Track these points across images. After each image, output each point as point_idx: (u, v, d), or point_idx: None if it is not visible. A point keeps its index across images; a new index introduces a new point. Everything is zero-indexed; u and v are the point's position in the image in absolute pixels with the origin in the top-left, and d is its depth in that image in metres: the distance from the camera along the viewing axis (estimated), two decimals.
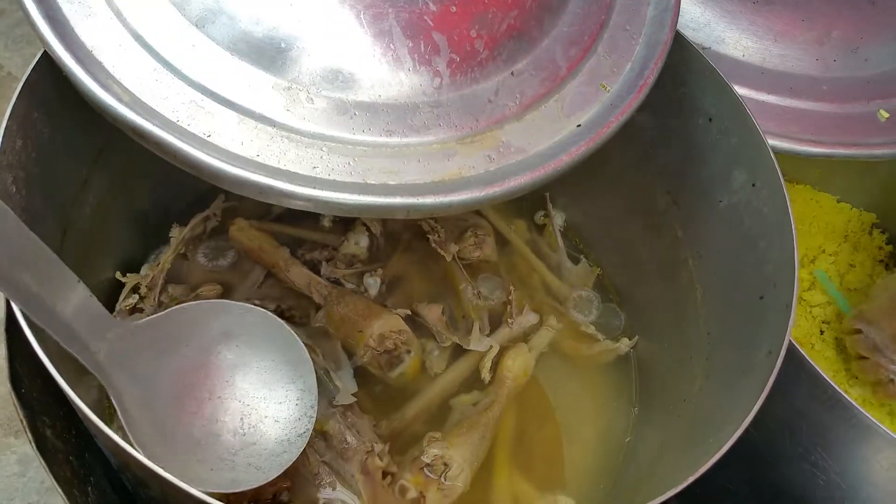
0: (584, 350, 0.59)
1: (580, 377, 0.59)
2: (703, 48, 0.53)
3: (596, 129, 0.40)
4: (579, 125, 0.40)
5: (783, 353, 0.36)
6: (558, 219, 0.63)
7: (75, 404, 0.31)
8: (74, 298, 0.34)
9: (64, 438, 0.41)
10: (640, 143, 0.51)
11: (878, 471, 0.47)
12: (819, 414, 0.46)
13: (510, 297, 0.59)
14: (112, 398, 0.36)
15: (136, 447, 0.35)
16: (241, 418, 0.40)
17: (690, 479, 0.32)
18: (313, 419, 0.42)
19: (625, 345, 0.57)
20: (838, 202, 0.87)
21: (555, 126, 0.40)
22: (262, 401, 0.41)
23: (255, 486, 0.39)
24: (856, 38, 0.55)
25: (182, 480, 0.30)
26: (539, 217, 0.64)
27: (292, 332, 0.43)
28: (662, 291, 0.56)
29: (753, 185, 0.42)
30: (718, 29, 0.55)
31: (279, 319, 0.43)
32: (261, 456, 0.39)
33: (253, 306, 0.44)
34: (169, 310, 0.41)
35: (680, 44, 0.46)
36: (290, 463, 0.40)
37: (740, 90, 0.52)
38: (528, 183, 0.37)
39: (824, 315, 0.81)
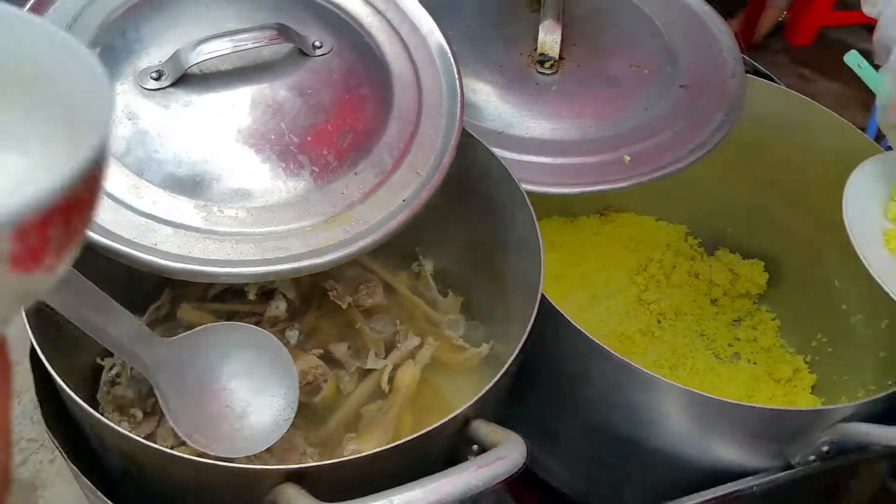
0: (457, 358, 0.79)
1: (459, 377, 0.79)
2: (498, 132, 0.77)
3: (413, 201, 0.62)
4: (404, 200, 0.62)
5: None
6: (428, 266, 0.84)
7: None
8: (127, 324, 0.56)
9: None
10: (463, 208, 0.74)
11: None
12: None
13: (398, 329, 0.79)
14: (157, 392, 0.58)
15: (176, 427, 0.57)
16: (243, 407, 0.60)
17: None
18: (294, 409, 0.61)
19: (484, 349, 0.78)
20: (657, 221, 1.12)
21: (387, 203, 0.62)
22: (258, 394, 0.61)
23: (249, 454, 0.59)
24: (605, 111, 0.80)
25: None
26: (415, 267, 0.86)
27: (281, 345, 0.63)
28: (505, 306, 0.77)
29: (522, 221, 0.65)
30: (507, 116, 0.78)
31: (272, 337, 0.63)
32: (255, 434, 0.59)
33: (255, 327, 0.64)
34: (192, 331, 0.62)
35: (469, 138, 0.69)
36: (276, 439, 0.60)
37: (525, 157, 0.76)
38: (371, 243, 0.59)
39: (660, 309, 1.05)
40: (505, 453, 0.46)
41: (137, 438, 0.52)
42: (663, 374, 0.98)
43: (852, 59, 0.73)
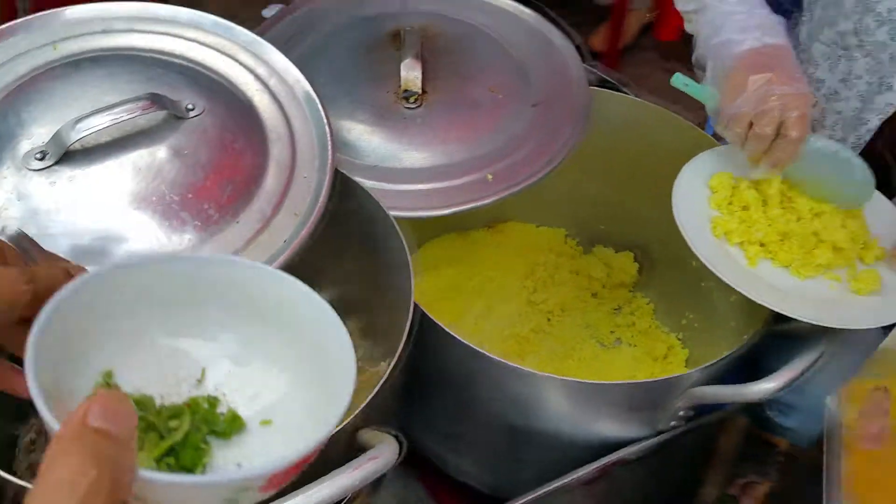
0: (359, 380, 0.86)
1: (362, 395, 0.86)
2: (373, 166, 0.84)
3: (294, 241, 0.68)
4: (284, 241, 0.69)
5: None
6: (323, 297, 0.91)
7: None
8: None
9: None
10: (347, 239, 0.81)
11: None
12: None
13: None
14: None
15: None
16: None
17: None
18: None
19: (382, 368, 0.85)
20: (538, 227, 1.22)
21: (269, 246, 0.68)
22: None
23: None
24: (468, 135, 0.88)
25: None
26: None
27: None
28: (397, 325, 0.84)
29: (395, 248, 0.73)
30: (380, 151, 0.86)
31: None
32: None
33: None
34: None
35: (343, 175, 0.77)
36: None
37: (400, 187, 0.83)
38: None
39: (548, 308, 1.14)
40: (377, 454, 0.52)
41: None
42: (555, 366, 1.09)
43: (678, 81, 0.83)
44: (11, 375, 0.38)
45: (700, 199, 0.83)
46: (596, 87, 1.02)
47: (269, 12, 2.13)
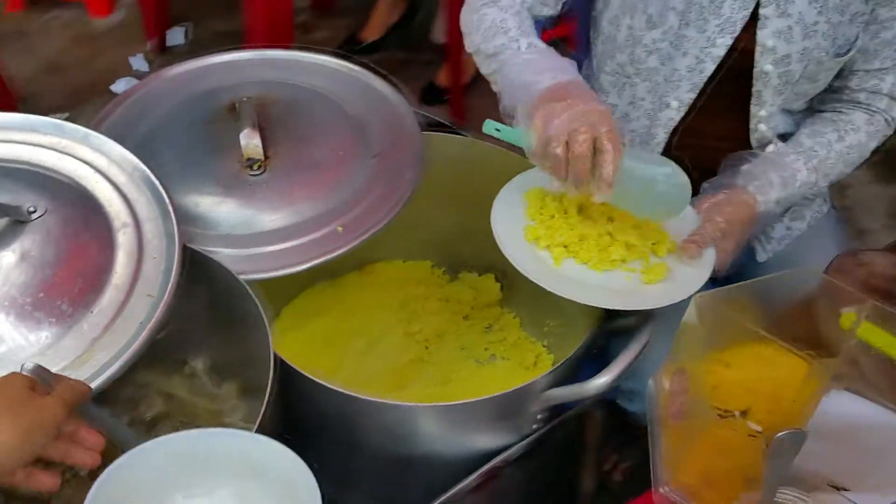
0: None
1: None
2: (225, 235, 0.89)
3: (149, 322, 0.72)
4: (140, 323, 0.73)
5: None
6: (199, 364, 0.94)
7: None
8: None
9: None
10: (208, 308, 0.86)
11: None
12: None
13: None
14: None
15: None
16: None
17: None
18: None
19: None
20: (405, 262, 1.29)
21: (126, 330, 0.72)
22: None
23: None
24: (315, 193, 0.94)
25: None
26: (187, 369, 0.95)
27: None
28: None
29: (251, 309, 0.78)
30: (231, 219, 0.91)
31: None
32: None
33: None
34: None
35: (193, 249, 0.81)
36: None
37: (254, 250, 0.89)
38: (118, 370, 0.69)
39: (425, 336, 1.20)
40: None
41: None
42: (437, 390, 1.15)
43: (489, 127, 0.92)
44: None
45: (517, 212, 0.93)
46: (432, 132, 1.10)
47: (118, 87, 2.14)
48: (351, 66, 1.13)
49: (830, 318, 0.73)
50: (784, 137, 1.01)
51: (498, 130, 0.90)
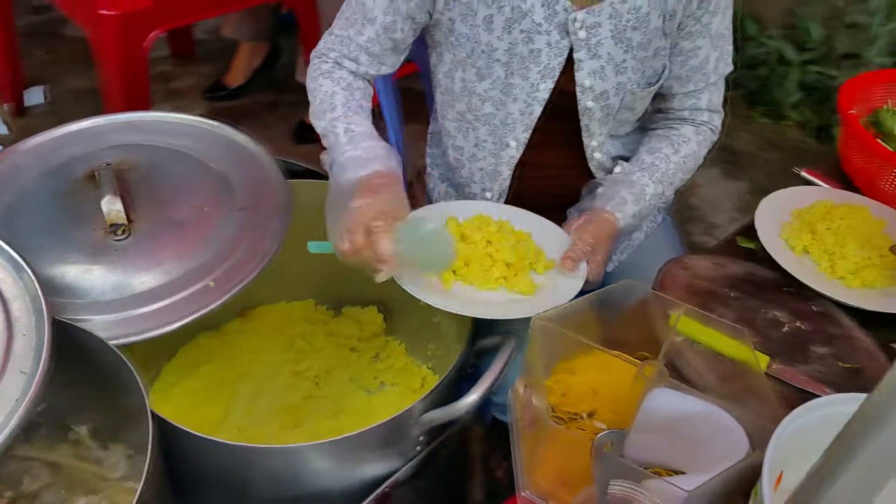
0: (129, 498, 0.91)
1: None
2: (96, 302, 0.90)
3: (25, 398, 0.73)
4: (17, 400, 0.73)
5: None
6: (83, 430, 0.94)
7: None
8: None
9: None
10: (85, 373, 0.87)
11: None
12: None
13: (65, 499, 0.89)
14: None
15: None
16: None
17: None
18: None
19: None
20: (288, 303, 1.32)
21: (3, 407, 0.72)
22: None
23: None
24: (182, 252, 0.97)
25: None
26: (72, 436, 0.95)
27: None
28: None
29: (123, 374, 0.80)
30: (100, 286, 0.92)
31: None
32: None
33: None
34: None
35: (63, 322, 0.82)
36: None
37: (126, 314, 0.90)
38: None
39: (314, 373, 1.23)
40: None
41: None
42: (330, 424, 1.19)
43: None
44: None
45: None
46: (300, 179, 1.15)
47: None
48: (211, 122, 1.16)
49: (661, 321, 0.82)
50: (622, 158, 1.12)
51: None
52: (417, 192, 1.45)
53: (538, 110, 1.03)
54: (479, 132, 1.08)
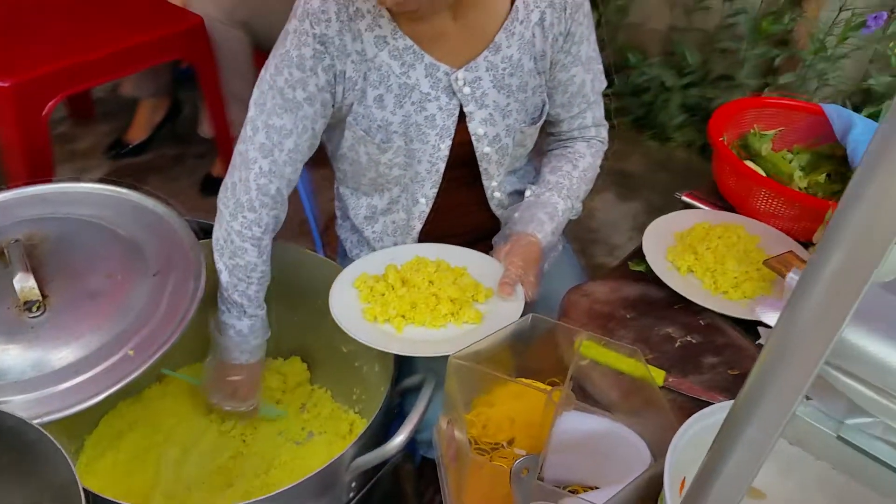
0: None
1: None
2: (15, 382, 0.89)
3: None
4: None
5: None
6: None
7: None
8: None
9: None
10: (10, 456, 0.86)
11: None
12: None
13: None
14: None
15: None
16: None
17: None
18: None
19: None
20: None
21: None
22: None
23: None
24: (100, 323, 0.97)
25: None
26: None
27: None
28: None
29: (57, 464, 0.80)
30: (19, 367, 0.91)
31: None
32: None
33: None
34: None
35: None
36: None
37: (48, 391, 0.90)
38: None
39: (241, 431, 1.24)
40: None
41: None
42: (261, 480, 1.20)
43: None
44: None
45: (352, 301, 1.05)
46: (210, 239, 1.17)
47: None
48: (118, 188, 1.17)
49: (567, 347, 0.89)
50: (517, 193, 1.20)
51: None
52: (329, 237, 1.49)
53: (442, 167, 1.10)
54: (393, 191, 1.15)
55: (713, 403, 0.82)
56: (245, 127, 1.05)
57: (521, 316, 0.97)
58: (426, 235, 1.17)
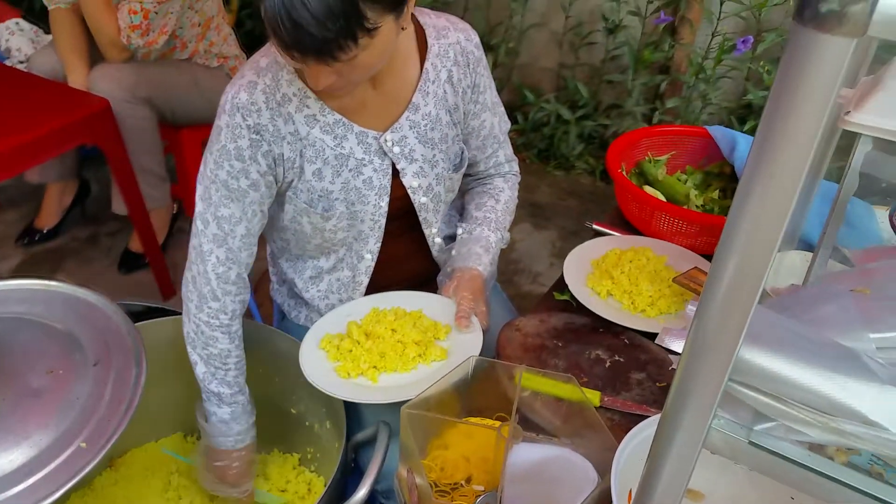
0: None
1: None
2: None
3: None
4: None
5: None
6: None
7: None
8: None
9: None
10: None
11: None
12: None
13: None
14: None
15: None
16: None
17: None
18: None
19: None
20: (156, 442, 1.31)
21: None
22: None
23: None
24: (46, 420, 0.97)
25: None
26: None
27: None
28: None
29: None
30: None
31: None
32: None
33: None
34: None
35: None
36: None
37: (9, 493, 0.89)
38: None
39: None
40: None
41: None
42: None
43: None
44: None
45: (321, 362, 1.09)
46: (146, 321, 1.18)
47: None
48: (47, 281, 1.17)
49: (508, 382, 0.95)
50: (448, 238, 1.28)
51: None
52: (261, 297, 1.51)
53: (383, 222, 1.17)
54: (339, 252, 1.20)
55: (648, 416, 0.89)
56: (195, 222, 1.09)
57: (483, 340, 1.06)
58: (372, 287, 1.22)
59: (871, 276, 0.58)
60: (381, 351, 1.08)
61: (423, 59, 1.13)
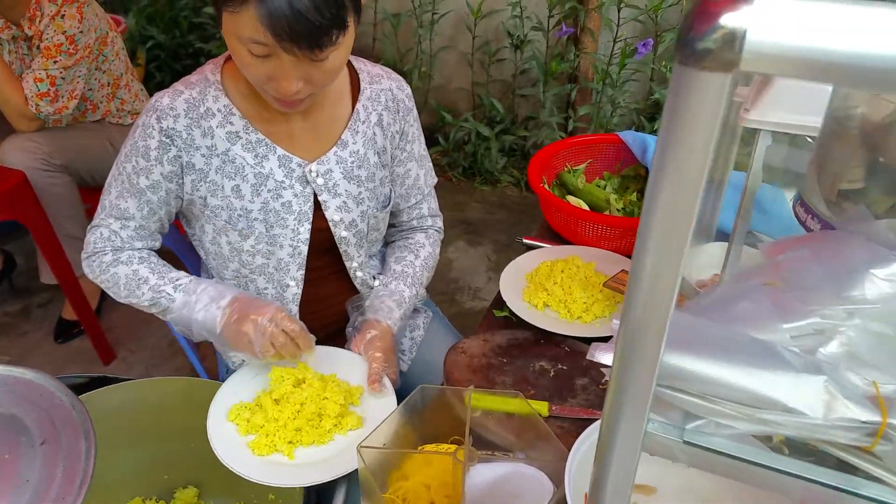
0: None
1: None
2: None
3: None
4: None
5: None
6: None
7: None
8: None
9: None
10: None
11: None
12: None
13: None
14: None
15: None
16: None
17: None
18: None
19: None
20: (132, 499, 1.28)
21: None
22: None
23: None
24: (16, 480, 0.94)
25: None
26: None
27: None
28: None
29: None
30: None
31: None
32: None
33: None
34: None
35: None
36: None
37: None
38: None
39: None
40: None
41: None
42: None
43: None
44: None
45: (232, 436, 1.04)
46: (91, 392, 1.16)
47: None
48: None
49: (459, 405, 0.98)
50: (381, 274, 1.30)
51: None
52: (204, 349, 1.50)
53: (305, 249, 1.18)
54: (258, 282, 1.20)
55: (596, 419, 0.93)
56: (106, 191, 1.15)
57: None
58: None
59: (780, 269, 0.63)
60: (297, 426, 1.04)
61: (354, 101, 1.16)
